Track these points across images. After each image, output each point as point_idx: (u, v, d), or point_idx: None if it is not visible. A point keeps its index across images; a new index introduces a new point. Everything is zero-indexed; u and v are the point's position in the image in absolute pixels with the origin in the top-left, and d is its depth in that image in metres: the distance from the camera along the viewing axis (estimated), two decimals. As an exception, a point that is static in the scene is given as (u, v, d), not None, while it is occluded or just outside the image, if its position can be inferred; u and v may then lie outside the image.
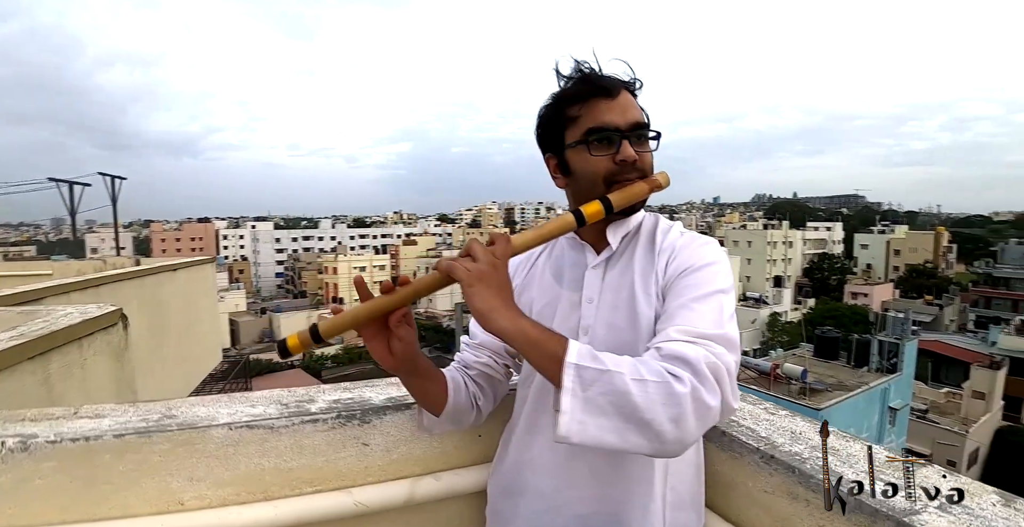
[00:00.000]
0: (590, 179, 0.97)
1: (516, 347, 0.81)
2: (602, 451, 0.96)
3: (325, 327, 0.88)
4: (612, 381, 0.74)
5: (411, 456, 1.20)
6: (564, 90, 1.01)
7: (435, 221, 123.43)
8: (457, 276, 0.83)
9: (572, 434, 0.75)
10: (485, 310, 0.81)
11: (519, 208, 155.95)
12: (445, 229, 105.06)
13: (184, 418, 1.06)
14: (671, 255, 0.97)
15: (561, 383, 0.76)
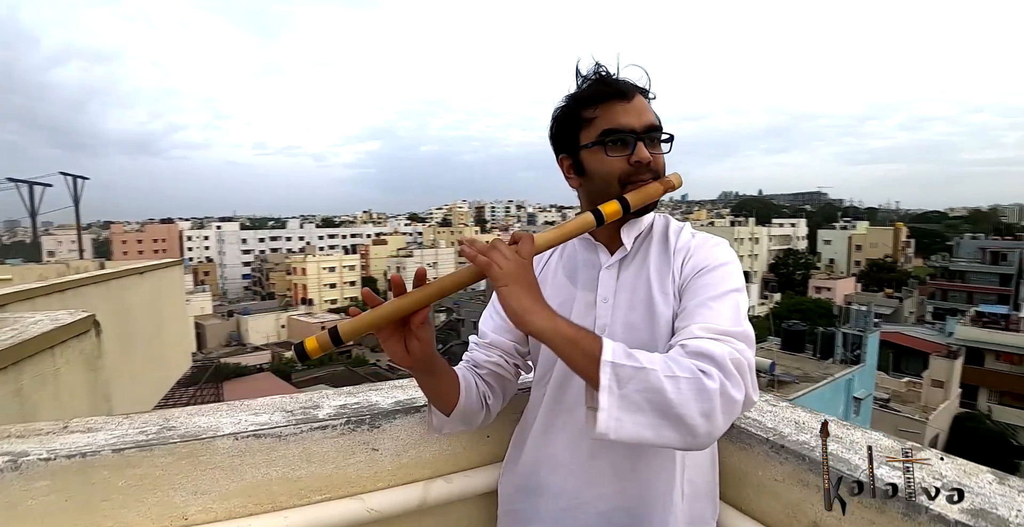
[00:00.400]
0: (605, 179, 0.98)
1: (551, 346, 0.81)
2: (623, 448, 0.98)
3: (347, 329, 0.85)
4: (647, 378, 0.76)
5: (421, 459, 1.18)
6: (580, 92, 1.01)
7: (405, 220, 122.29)
8: (492, 274, 0.83)
9: (610, 431, 0.76)
10: (520, 310, 0.81)
11: (489, 207, 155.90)
12: (415, 228, 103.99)
13: (186, 429, 1.02)
14: (686, 255, 0.99)
15: (598, 381, 0.76)
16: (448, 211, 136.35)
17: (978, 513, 0.80)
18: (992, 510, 0.81)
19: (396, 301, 0.86)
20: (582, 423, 0.96)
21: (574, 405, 1.00)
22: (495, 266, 0.83)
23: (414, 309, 0.87)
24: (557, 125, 1.05)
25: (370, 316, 0.86)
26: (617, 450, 0.99)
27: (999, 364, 26.69)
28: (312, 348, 0.84)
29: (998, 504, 0.82)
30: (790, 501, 1.03)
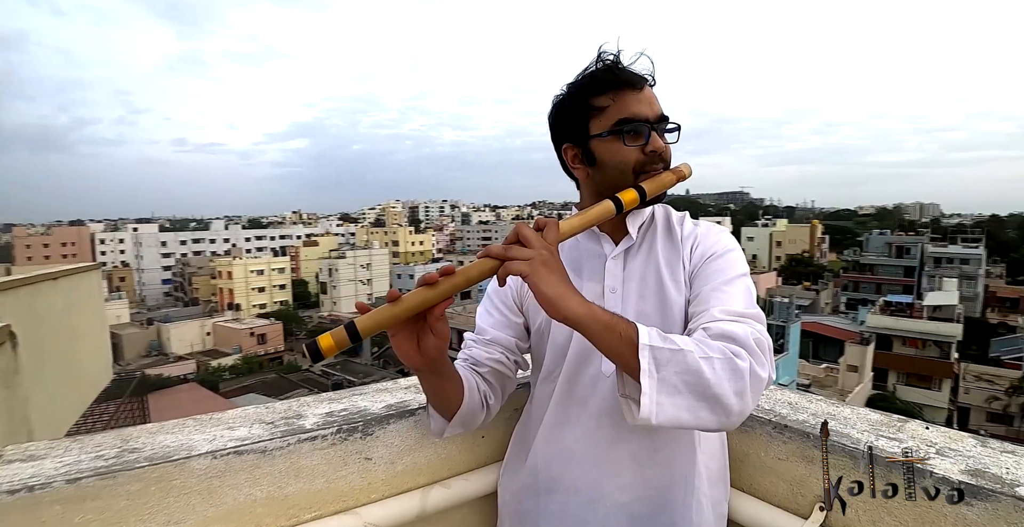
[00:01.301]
0: (619, 169, 0.96)
1: (586, 332, 0.78)
2: (642, 436, 0.97)
3: (365, 324, 0.76)
4: (685, 360, 0.76)
5: (416, 466, 1.10)
6: (588, 79, 0.97)
7: (337, 220, 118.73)
8: (517, 258, 0.79)
9: (652, 415, 0.75)
10: (555, 296, 0.77)
11: (423, 206, 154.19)
12: (348, 229, 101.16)
13: (152, 451, 0.89)
14: (694, 243, 1.01)
15: (637, 366, 0.75)
16: (381, 211, 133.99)
17: (976, 473, 0.88)
18: (985, 469, 0.89)
19: (422, 291, 0.79)
20: (596, 415, 0.97)
21: (586, 397, 1.00)
22: (520, 253, 0.79)
23: (436, 302, 0.80)
24: (562, 113, 1.01)
25: (393, 309, 0.78)
26: (636, 438, 0.97)
27: (905, 348, 28.71)
28: (328, 346, 0.75)
29: (989, 464, 0.90)
30: (795, 478, 1.06)
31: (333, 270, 57.75)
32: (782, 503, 1.08)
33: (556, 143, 1.05)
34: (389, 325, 0.79)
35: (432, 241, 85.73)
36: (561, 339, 1.02)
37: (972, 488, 0.85)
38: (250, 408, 1.09)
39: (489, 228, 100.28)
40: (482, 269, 0.80)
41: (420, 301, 0.78)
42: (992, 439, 1.01)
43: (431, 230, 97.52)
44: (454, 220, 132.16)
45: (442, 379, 0.93)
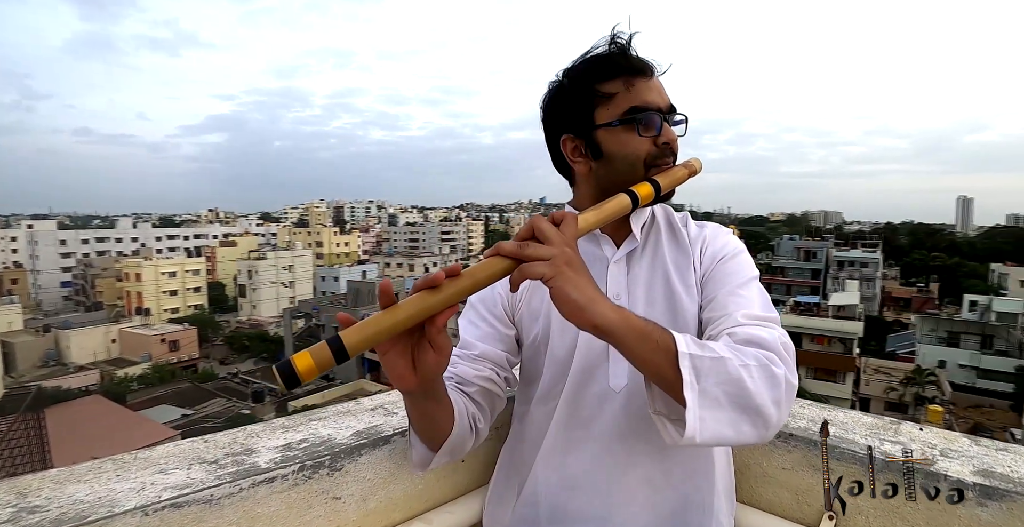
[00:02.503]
0: (630, 161, 0.87)
1: (619, 341, 0.68)
2: (655, 457, 0.89)
3: (354, 339, 0.60)
4: (726, 369, 0.68)
5: (391, 501, 0.95)
6: (597, 63, 0.88)
7: (257, 220, 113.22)
8: (537, 258, 0.67)
9: (696, 433, 0.67)
10: (585, 301, 0.67)
11: (349, 206, 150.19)
12: (268, 229, 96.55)
13: (61, 509, 0.69)
14: (703, 245, 0.94)
15: (677, 377, 0.67)
16: (305, 211, 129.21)
17: (985, 473, 0.88)
18: (992, 469, 0.88)
19: (422, 296, 0.64)
20: (604, 437, 0.87)
21: (591, 418, 0.90)
22: (540, 251, 0.67)
23: (443, 307, 0.65)
24: (562, 101, 0.90)
25: (387, 319, 0.62)
26: (649, 460, 0.89)
27: (813, 345, 30.61)
28: (306, 368, 0.58)
29: (992, 464, 0.91)
30: (800, 488, 1.01)
31: (253, 272, 55.04)
32: (788, 514, 1.03)
33: (551, 133, 0.94)
34: (383, 339, 0.64)
35: (358, 242, 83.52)
36: (562, 353, 0.91)
37: (987, 489, 0.83)
38: (184, 442, 0.90)
39: (417, 230, 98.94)
40: (492, 271, 0.67)
41: (420, 309, 0.64)
42: (981, 438, 1.03)
43: (357, 231, 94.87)
44: (381, 221, 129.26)
45: (434, 403, 0.79)
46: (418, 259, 70.19)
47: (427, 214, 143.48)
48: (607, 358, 0.89)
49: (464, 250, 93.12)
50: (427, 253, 78.59)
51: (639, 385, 0.86)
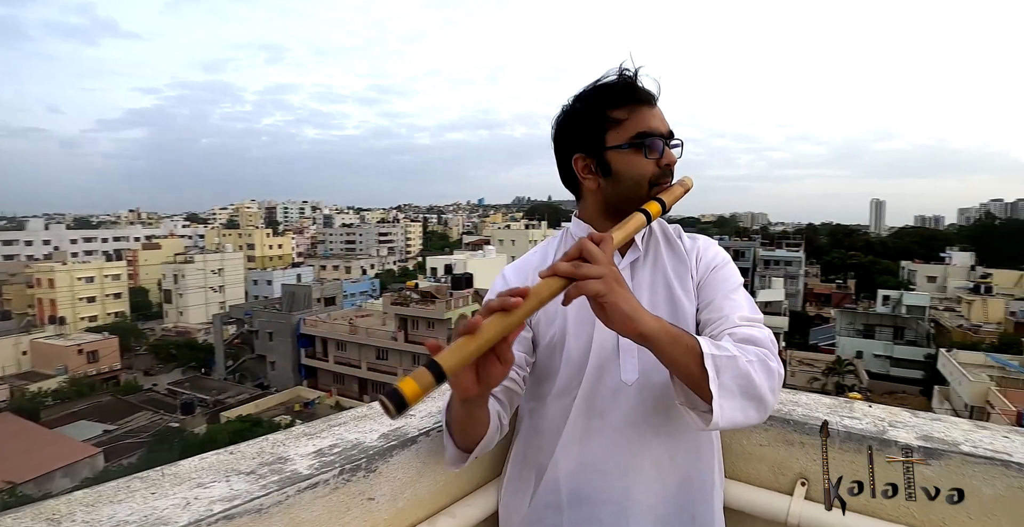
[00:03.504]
0: (636, 181, 0.97)
1: (656, 346, 0.79)
2: (662, 441, 0.98)
3: (451, 362, 0.66)
4: (737, 365, 0.81)
5: (418, 499, 0.99)
6: (607, 92, 0.97)
7: (183, 221, 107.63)
8: (591, 276, 0.75)
9: (720, 419, 0.79)
10: (632, 312, 0.77)
11: (282, 207, 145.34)
12: (196, 230, 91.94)
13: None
14: (698, 255, 1.05)
15: (703, 374, 0.79)
16: (235, 211, 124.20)
17: (926, 438, 1.03)
18: (931, 434, 1.03)
19: (500, 318, 0.70)
20: (618, 425, 0.97)
21: (605, 409, 0.98)
22: (594, 271, 0.75)
23: (515, 327, 0.72)
24: (575, 123, 1.00)
25: (475, 341, 0.69)
26: (657, 444, 0.98)
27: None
28: (412, 394, 0.62)
29: (930, 431, 1.06)
30: (776, 461, 1.14)
31: (179, 276, 52.29)
32: (766, 484, 1.14)
33: (563, 152, 1.03)
34: (473, 359, 0.70)
35: (292, 244, 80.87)
36: (577, 353, 0.98)
37: (929, 450, 0.99)
38: (209, 456, 0.89)
39: (354, 231, 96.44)
40: (552, 289, 0.74)
41: (500, 330, 0.71)
42: (920, 413, 1.20)
43: (290, 233, 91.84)
44: (316, 222, 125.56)
45: (482, 406, 0.88)
46: (355, 261, 68.70)
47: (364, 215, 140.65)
48: (617, 356, 0.97)
49: (402, 252, 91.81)
50: (364, 255, 77.01)
51: (648, 379, 0.95)
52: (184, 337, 42.11)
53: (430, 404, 1.15)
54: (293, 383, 33.22)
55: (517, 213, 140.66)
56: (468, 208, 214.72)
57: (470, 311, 31.57)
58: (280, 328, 35.02)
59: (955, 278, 47.82)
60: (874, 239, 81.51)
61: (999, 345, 29.32)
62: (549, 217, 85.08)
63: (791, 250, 50.77)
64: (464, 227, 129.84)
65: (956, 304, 42.07)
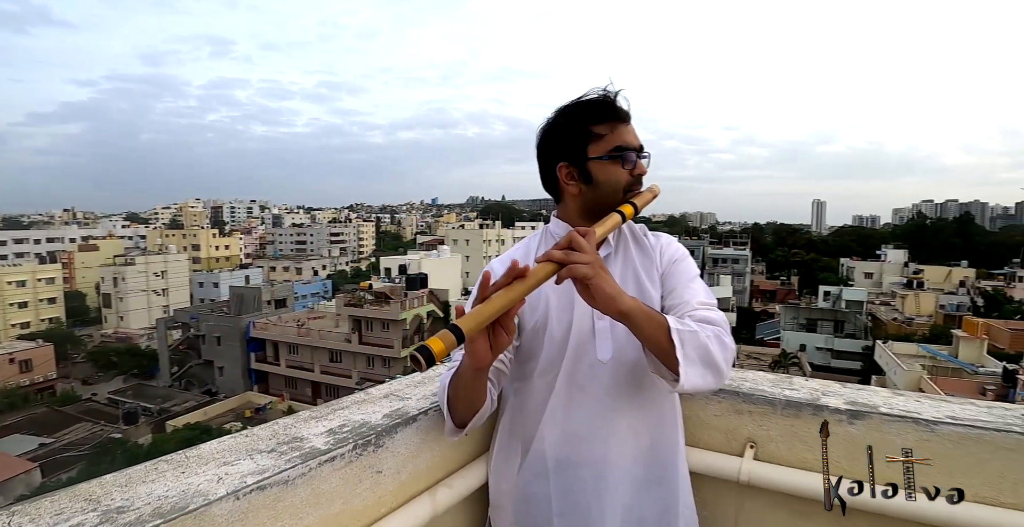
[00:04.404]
0: (613, 188, 1.12)
1: (633, 322, 0.94)
2: (635, 410, 1.12)
3: (467, 326, 0.80)
4: (698, 338, 0.96)
5: (418, 472, 1.10)
6: (589, 109, 1.11)
7: (123, 221, 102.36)
8: (580, 262, 0.89)
9: (685, 382, 0.94)
10: (615, 293, 0.92)
11: (228, 207, 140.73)
12: (136, 231, 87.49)
13: (151, 505, 0.75)
14: (662, 251, 1.20)
15: (670, 345, 0.93)
16: (178, 211, 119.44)
17: (851, 402, 1.21)
18: (856, 400, 1.22)
19: (505, 292, 0.85)
20: (598, 396, 1.10)
21: (586, 383, 1.11)
22: (583, 258, 0.89)
23: (518, 300, 0.87)
24: (559, 135, 1.13)
25: (488, 308, 0.83)
26: (631, 413, 1.11)
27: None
28: (439, 350, 0.75)
29: (855, 398, 1.24)
30: (727, 428, 1.30)
31: (119, 279, 50.00)
32: (720, 448, 1.30)
33: (547, 160, 1.16)
34: (484, 325, 0.84)
35: (239, 245, 78.44)
36: (559, 334, 1.11)
37: (854, 413, 1.17)
38: (227, 439, 0.97)
39: (304, 231, 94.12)
40: (547, 271, 0.88)
41: (507, 301, 0.85)
42: (848, 384, 1.38)
43: (238, 233, 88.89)
44: (264, 222, 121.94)
45: (482, 378, 1.02)
46: (306, 262, 67.14)
47: (315, 215, 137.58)
48: (593, 337, 1.11)
49: (355, 252, 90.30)
50: (316, 256, 75.39)
51: (620, 357, 1.09)
52: (125, 343, 40.34)
53: (425, 388, 1.26)
54: (243, 389, 32.31)
55: (471, 213, 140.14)
56: (422, 208, 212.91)
57: (425, 311, 31.45)
58: (228, 332, 34.00)
59: (890, 274, 50.60)
60: (816, 238, 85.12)
61: (930, 336, 31.17)
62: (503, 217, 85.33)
63: (738, 249, 52.50)
64: (418, 227, 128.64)
65: (891, 298, 44.51)
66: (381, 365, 29.54)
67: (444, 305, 33.59)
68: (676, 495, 1.14)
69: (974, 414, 1.10)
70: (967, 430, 1.05)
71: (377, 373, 28.59)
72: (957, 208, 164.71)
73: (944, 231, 70.20)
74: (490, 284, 0.88)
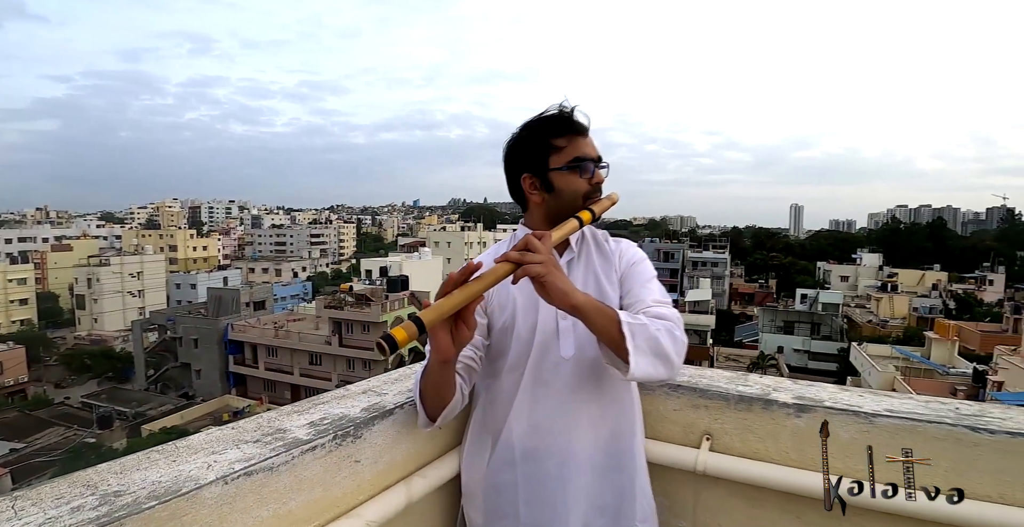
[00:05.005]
0: (572, 196, 1.20)
1: (586, 315, 1.01)
2: (594, 402, 1.20)
3: (429, 318, 0.88)
4: (648, 331, 1.03)
5: (394, 462, 1.17)
6: (550, 123, 1.20)
7: (97, 220, 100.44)
8: (534, 262, 0.97)
9: (635, 370, 1.01)
10: (567, 289, 1.01)
11: (207, 207, 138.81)
12: (112, 230, 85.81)
13: (146, 489, 0.81)
14: (620, 255, 1.29)
15: (622, 337, 1.01)
16: (155, 211, 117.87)
17: (799, 397, 1.29)
18: (803, 394, 1.31)
19: (467, 288, 0.94)
20: (561, 391, 1.18)
21: (550, 379, 1.19)
22: (535, 258, 0.98)
23: (475, 297, 0.95)
24: (523, 148, 1.22)
25: (448, 302, 0.91)
26: (591, 405, 1.19)
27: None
28: (402, 339, 0.83)
29: (803, 393, 1.32)
30: (685, 422, 1.38)
31: (93, 280, 49.09)
32: (678, 441, 1.39)
33: (512, 171, 1.24)
34: (444, 317, 0.92)
35: (218, 246, 77.50)
36: (526, 332, 1.19)
37: (801, 406, 1.25)
38: (214, 431, 1.03)
39: (284, 233, 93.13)
40: (504, 270, 0.97)
41: (466, 296, 0.93)
42: (800, 380, 1.45)
43: (216, 233, 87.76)
44: (243, 223, 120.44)
45: (449, 372, 1.08)
46: (286, 263, 66.43)
47: (295, 216, 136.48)
48: (557, 336, 1.18)
49: (335, 254, 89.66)
50: (296, 257, 74.62)
51: (582, 354, 1.17)
52: (99, 346, 39.56)
53: (401, 384, 1.33)
54: (221, 392, 31.92)
55: (453, 215, 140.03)
56: (403, 209, 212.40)
57: (406, 314, 31.38)
58: (206, 334, 33.58)
59: (865, 277, 51.62)
60: (793, 242, 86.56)
61: (903, 338, 31.90)
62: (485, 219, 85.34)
63: (717, 252, 53.29)
64: (399, 229, 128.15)
65: (866, 301, 45.46)
66: (362, 368, 29.39)
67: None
68: (634, 482, 1.22)
69: (911, 408, 1.19)
70: (903, 421, 1.14)
71: (357, 376, 28.40)
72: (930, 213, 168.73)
73: (917, 235, 71.81)
74: (451, 281, 0.96)
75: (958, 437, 1.10)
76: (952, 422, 1.12)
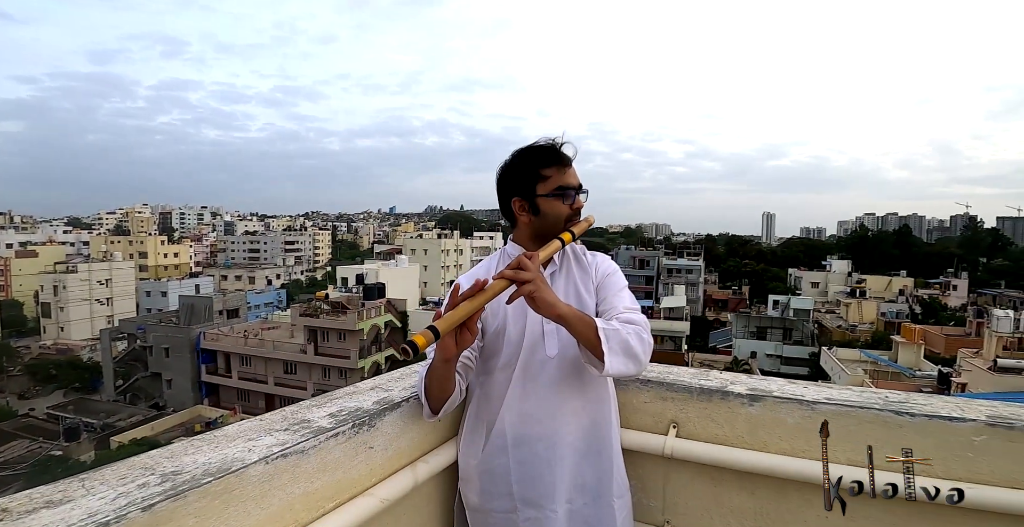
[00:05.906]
0: (556, 219, 1.39)
1: (569, 323, 1.21)
2: (577, 395, 1.38)
3: (443, 326, 1.06)
4: (620, 335, 1.24)
5: (401, 449, 1.33)
6: (538, 155, 1.39)
7: (64, 226, 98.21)
8: (526, 280, 1.15)
9: (609, 368, 1.20)
10: (553, 301, 1.20)
11: (178, 213, 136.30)
12: (79, 236, 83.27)
13: (200, 468, 0.95)
14: (596, 267, 1.48)
15: (599, 341, 1.20)
16: (124, 216, 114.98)
17: (753, 388, 1.48)
18: (756, 386, 1.50)
19: (470, 301, 1.11)
20: (548, 385, 1.36)
21: (537, 374, 1.36)
22: (526, 276, 1.16)
23: (478, 308, 1.12)
24: (514, 174, 1.40)
25: (458, 313, 1.09)
26: (574, 398, 1.37)
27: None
28: (422, 344, 1.00)
29: (757, 385, 1.51)
30: (654, 412, 1.58)
31: (59, 287, 47.89)
32: (649, 429, 1.57)
33: (504, 194, 1.42)
34: (453, 327, 1.10)
35: (189, 253, 76.06)
36: (516, 335, 1.37)
37: (753, 396, 1.44)
38: (244, 423, 1.17)
39: (258, 239, 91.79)
40: (501, 286, 1.15)
41: (471, 308, 1.11)
42: (755, 375, 1.69)
43: (188, 240, 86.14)
44: (216, 229, 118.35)
45: (451, 369, 1.26)
46: (260, 271, 65.46)
47: (269, 222, 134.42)
48: (543, 338, 1.36)
49: (310, 261, 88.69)
50: (270, 264, 73.67)
51: (565, 353, 1.35)
52: (66, 355, 38.66)
53: (404, 382, 1.49)
54: (193, 402, 31.38)
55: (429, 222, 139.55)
56: (379, 216, 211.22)
57: (383, 322, 31.26)
58: (177, 343, 33.02)
59: (835, 284, 52.92)
60: (765, 249, 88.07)
61: (872, 342, 32.75)
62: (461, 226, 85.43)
63: (691, 259, 53.96)
64: (375, 236, 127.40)
65: (836, 307, 46.59)
66: (337, 376, 29.16)
67: (402, 315, 33.42)
68: (611, 464, 1.40)
69: (847, 397, 1.39)
70: (838, 408, 1.34)
71: (333, 384, 28.10)
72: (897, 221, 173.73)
73: (885, 243, 73.73)
74: (459, 295, 1.14)
75: (884, 420, 1.30)
76: (880, 407, 1.32)
